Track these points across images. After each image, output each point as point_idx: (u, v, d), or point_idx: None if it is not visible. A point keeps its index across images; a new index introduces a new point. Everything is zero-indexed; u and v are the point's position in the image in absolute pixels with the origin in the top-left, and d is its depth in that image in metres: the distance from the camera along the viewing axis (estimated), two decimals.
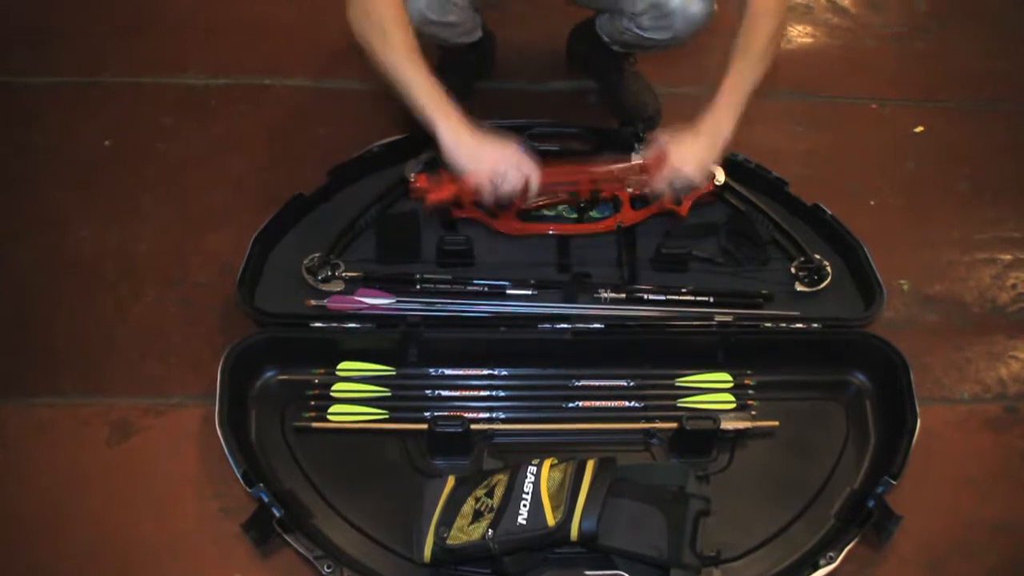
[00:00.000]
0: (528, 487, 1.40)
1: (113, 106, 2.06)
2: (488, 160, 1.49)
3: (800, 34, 2.33)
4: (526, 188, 1.53)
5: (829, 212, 1.81)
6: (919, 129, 2.17)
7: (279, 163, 1.96)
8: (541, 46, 2.15)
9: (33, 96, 2.06)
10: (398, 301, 1.67)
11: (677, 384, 1.65)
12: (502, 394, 1.63)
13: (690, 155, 1.55)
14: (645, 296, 1.71)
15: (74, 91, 2.08)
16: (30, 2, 2.25)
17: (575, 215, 1.80)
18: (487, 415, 1.60)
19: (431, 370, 1.64)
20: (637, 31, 1.78)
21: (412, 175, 1.77)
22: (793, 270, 1.77)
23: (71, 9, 2.24)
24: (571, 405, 1.63)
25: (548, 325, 1.65)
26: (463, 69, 2.03)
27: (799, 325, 1.69)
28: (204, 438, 1.58)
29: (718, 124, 1.55)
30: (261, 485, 1.43)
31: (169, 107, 2.06)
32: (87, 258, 1.82)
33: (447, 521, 1.39)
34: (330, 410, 1.58)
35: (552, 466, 1.43)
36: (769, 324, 1.69)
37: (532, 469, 1.42)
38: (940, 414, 1.71)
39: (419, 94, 1.49)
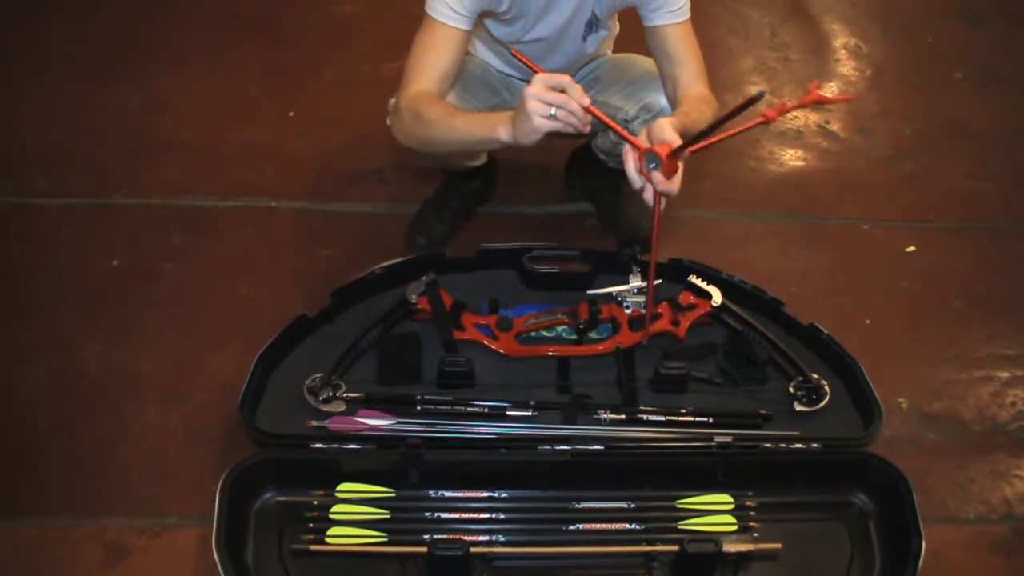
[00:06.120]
0: None
1: (123, 227, 2.11)
2: (529, 110, 1.43)
3: (792, 158, 2.41)
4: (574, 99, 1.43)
5: (825, 332, 1.83)
6: (911, 249, 2.21)
7: (283, 284, 1.99)
8: (540, 171, 2.22)
9: (46, 217, 2.12)
10: (399, 422, 1.67)
11: (678, 506, 1.64)
12: (502, 516, 1.62)
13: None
14: (645, 417, 1.72)
15: (86, 212, 2.13)
16: (48, 126, 2.33)
17: (574, 336, 1.83)
18: (487, 538, 1.58)
19: (431, 492, 1.63)
20: None
21: (414, 297, 1.80)
22: (791, 390, 1.77)
23: (86, 133, 2.32)
24: (571, 528, 1.61)
25: (548, 446, 1.66)
26: (467, 194, 2.10)
27: (799, 445, 1.69)
28: (200, 560, 1.57)
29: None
30: None
31: (178, 228, 2.11)
32: (90, 376, 1.83)
33: None
34: (329, 532, 1.56)
35: None
36: (769, 444, 1.69)
37: None
38: (946, 535, 1.69)
39: (471, 132, 1.55)
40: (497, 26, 1.74)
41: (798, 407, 1.76)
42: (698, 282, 1.87)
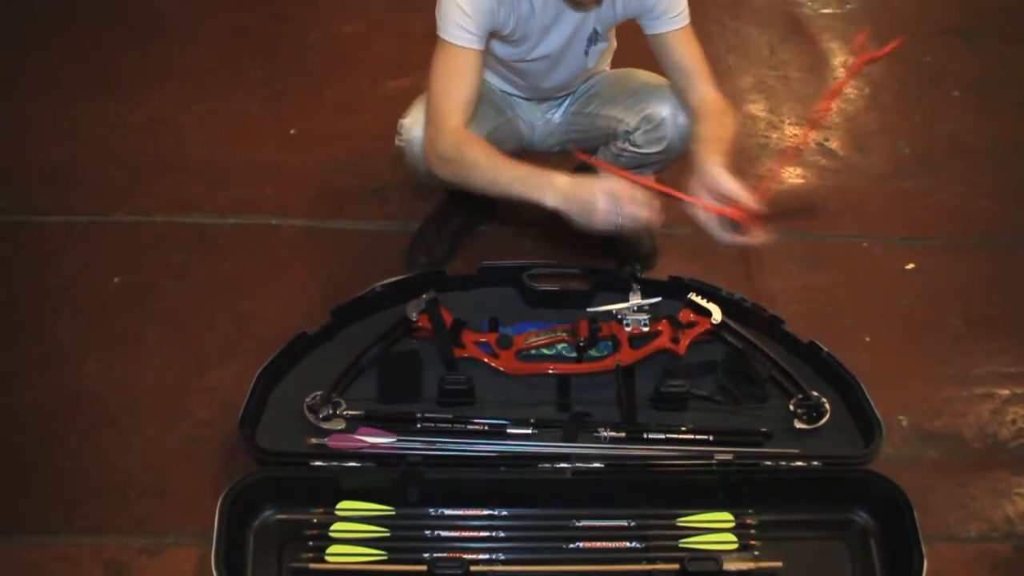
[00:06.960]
0: None
1: (125, 244, 2.12)
2: (599, 209, 1.50)
3: (791, 175, 2.42)
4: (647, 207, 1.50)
5: (825, 349, 1.82)
6: (910, 266, 2.21)
7: (284, 301, 2.00)
8: None
9: (48, 234, 2.13)
10: (399, 440, 1.67)
11: (678, 524, 1.64)
12: (502, 535, 1.61)
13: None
14: (645, 435, 1.71)
15: (88, 229, 2.14)
16: (50, 144, 2.34)
17: (575, 354, 1.83)
18: (487, 556, 1.58)
19: (431, 510, 1.62)
20: (633, 149, 1.85)
21: (414, 315, 1.80)
22: (792, 407, 1.77)
23: (88, 149, 2.33)
24: (572, 546, 1.60)
25: (548, 464, 1.65)
26: (468, 211, 2.11)
27: (799, 463, 1.69)
28: None
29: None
30: None
31: (179, 245, 2.12)
32: (90, 394, 1.83)
33: None
34: (328, 550, 1.56)
35: None
36: (769, 462, 1.69)
37: None
38: (947, 553, 1.69)
39: (515, 189, 1.56)
40: (503, 46, 1.76)
41: (798, 425, 1.75)
42: (698, 300, 1.87)
